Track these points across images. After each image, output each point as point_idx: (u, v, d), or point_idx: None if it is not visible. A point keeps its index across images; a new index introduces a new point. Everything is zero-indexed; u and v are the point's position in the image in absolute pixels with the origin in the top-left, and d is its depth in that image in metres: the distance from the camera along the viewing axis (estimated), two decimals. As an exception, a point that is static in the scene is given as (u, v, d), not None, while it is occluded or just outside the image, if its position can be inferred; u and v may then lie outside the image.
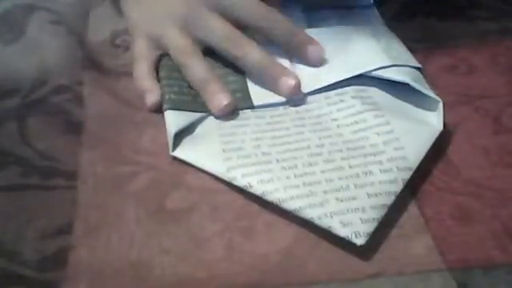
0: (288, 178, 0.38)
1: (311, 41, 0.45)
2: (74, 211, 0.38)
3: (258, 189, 0.38)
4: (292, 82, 0.44)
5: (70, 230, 0.37)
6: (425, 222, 0.37)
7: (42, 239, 0.36)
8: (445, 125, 0.41)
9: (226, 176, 0.39)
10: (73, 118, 0.44)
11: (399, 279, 0.34)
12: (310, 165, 0.39)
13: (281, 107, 0.44)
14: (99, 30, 0.53)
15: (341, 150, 0.40)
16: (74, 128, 0.44)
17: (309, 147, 0.40)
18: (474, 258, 0.35)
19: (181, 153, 0.41)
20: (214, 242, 0.36)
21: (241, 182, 0.38)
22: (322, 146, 0.40)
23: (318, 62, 0.45)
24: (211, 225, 0.37)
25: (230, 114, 0.43)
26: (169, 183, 0.40)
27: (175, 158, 0.41)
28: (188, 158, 0.41)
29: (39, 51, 0.50)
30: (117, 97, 0.46)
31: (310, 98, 0.44)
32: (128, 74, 0.47)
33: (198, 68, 0.45)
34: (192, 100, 0.44)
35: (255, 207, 0.38)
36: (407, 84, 0.42)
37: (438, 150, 0.41)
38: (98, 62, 0.49)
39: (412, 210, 0.38)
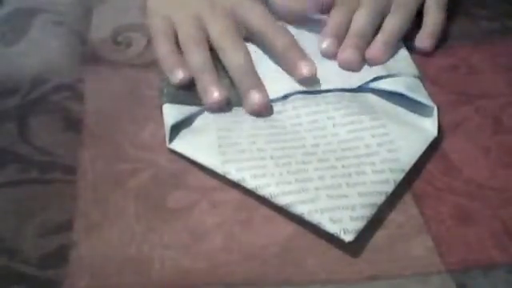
0: (281, 174, 0.38)
1: (304, 57, 0.45)
2: (75, 208, 0.38)
3: (250, 183, 0.38)
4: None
5: (71, 227, 0.37)
6: (424, 222, 0.37)
7: (43, 236, 0.36)
8: (442, 127, 0.41)
9: (221, 170, 0.39)
10: (73, 116, 0.44)
11: (397, 281, 0.34)
12: (304, 163, 0.39)
13: (279, 103, 0.44)
14: (101, 27, 0.52)
15: (335, 151, 0.40)
16: (74, 125, 0.43)
17: (304, 146, 0.41)
18: (474, 259, 0.35)
19: (177, 145, 0.41)
20: (213, 233, 0.37)
21: (235, 176, 0.39)
22: (317, 145, 0.41)
23: (308, 78, 0.44)
24: (211, 219, 0.38)
25: (223, 108, 0.43)
26: (169, 180, 0.40)
27: (175, 155, 0.41)
28: (184, 150, 0.41)
29: (40, 51, 0.50)
30: (117, 93, 0.46)
31: (307, 96, 0.44)
32: (129, 70, 0.48)
33: (198, 57, 0.45)
34: (190, 94, 0.44)
35: (254, 202, 0.38)
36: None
37: (438, 150, 0.41)
38: (99, 59, 0.49)
39: (412, 210, 0.38)
